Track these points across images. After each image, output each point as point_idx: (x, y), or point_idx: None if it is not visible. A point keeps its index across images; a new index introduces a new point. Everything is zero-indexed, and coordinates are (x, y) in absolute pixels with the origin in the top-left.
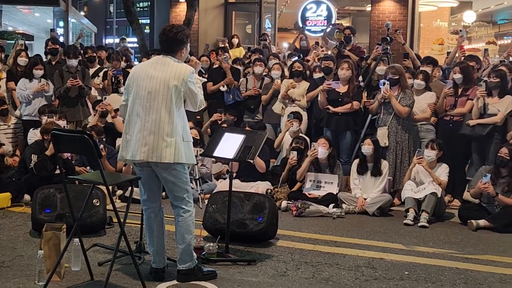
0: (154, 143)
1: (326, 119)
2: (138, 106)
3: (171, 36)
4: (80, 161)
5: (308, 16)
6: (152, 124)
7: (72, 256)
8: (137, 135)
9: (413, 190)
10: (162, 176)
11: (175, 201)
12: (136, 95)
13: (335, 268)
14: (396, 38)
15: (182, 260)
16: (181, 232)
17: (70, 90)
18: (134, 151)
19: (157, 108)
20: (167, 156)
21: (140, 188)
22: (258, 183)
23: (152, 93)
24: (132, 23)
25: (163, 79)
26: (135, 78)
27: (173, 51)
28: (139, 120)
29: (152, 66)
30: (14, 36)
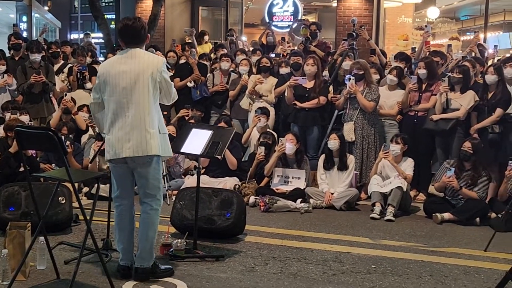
0: (138, 138)
1: (293, 115)
2: (114, 103)
3: (137, 27)
4: (45, 158)
5: (275, 11)
6: (132, 119)
7: (38, 255)
8: (117, 132)
9: (379, 184)
10: (138, 171)
11: (145, 198)
12: (110, 93)
13: (303, 263)
14: (361, 34)
15: (142, 258)
16: (145, 230)
17: (33, 86)
18: (118, 149)
19: (136, 102)
20: (153, 148)
21: (113, 185)
22: (226, 179)
23: (128, 88)
24: (97, 18)
25: (137, 72)
26: (105, 76)
27: (141, 42)
28: (118, 117)
29: (122, 61)
30: None
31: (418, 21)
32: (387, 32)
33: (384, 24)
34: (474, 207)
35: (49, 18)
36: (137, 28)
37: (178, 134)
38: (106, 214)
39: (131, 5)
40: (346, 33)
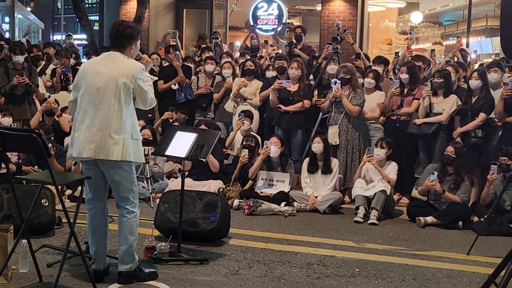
0: (102, 140)
1: (278, 118)
2: (87, 102)
3: (121, 31)
4: (27, 160)
5: (259, 14)
6: (100, 120)
7: (20, 258)
8: (85, 132)
9: (363, 188)
10: (109, 174)
11: (120, 201)
12: (85, 92)
13: (287, 266)
14: (346, 38)
15: (124, 261)
16: (124, 233)
17: (16, 88)
18: (81, 148)
19: (106, 104)
20: (115, 154)
21: (86, 187)
22: (210, 181)
23: (101, 89)
24: (81, 19)
25: (112, 75)
26: (84, 74)
27: (122, 46)
28: (87, 117)
29: (101, 62)
30: None
31: (401, 25)
32: (370, 36)
33: (368, 28)
34: (456, 210)
35: (32, 19)
36: (121, 31)
37: (163, 137)
38: None
39: (115, 7)
40: (331, 37)
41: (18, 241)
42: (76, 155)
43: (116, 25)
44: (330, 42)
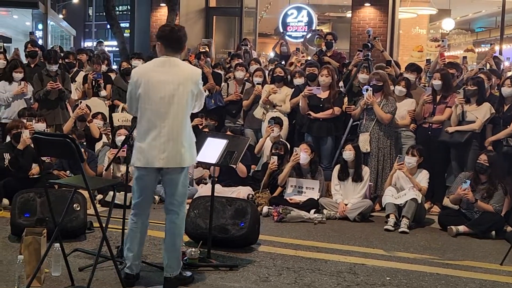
0: (174, 150)
1: (307, 125)
2: (151, 113)
3: (182, 36)
4: (59, 165)
5: (289, 21)
6: (169, 130)
7: (53, 261)
8: (152, 142)
9: (394, 196)
10: (172, 180)
11: (174, 206)
12: (147, 102)
13: (317, 274)
14: (376, 45)
15: (171, 268)
16: (173, 238)
17: (50, 93)
18: (151, 158)
19: (173, 113)
20: (187, 160)
21: (135, 192)
22: (240, 188)
23: (166, 98)
24: (113, 26)
25: (177, 83)
26: (143, 84)
27: (179, 51)
28: (153, 127)
29: (160, 69)
30: None
31: (432, 32)
32: (401, 43)
33: (398, 35)
34: (489, 220)
35: (64, 26)
36: (182, 37)
37: None
38: (120, 221)
39: (146, 14)
40: (361, 44)
41: (51, 245)
42: (143, 164)
43: (177, 29)
44: (360, 49)
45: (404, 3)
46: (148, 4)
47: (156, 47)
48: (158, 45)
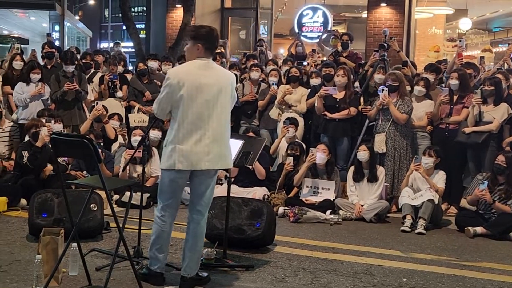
0: (219, 151)
1: (323, 125)
2: (193, 115)
3: (218, 37)
4: (76, 166)
5: (305, 22)
6: (213, 132)
7: (70, 261)
8: (196, 144)
9: (410, 197)
10: (207, 183)
11: (201, 207)
12: (190, 104)
13: (333, 275)
14: (392, 45)
15: (190, 268)
16: (196, 240)
17: (66, 94)
18: (195, 161)
19: (217, 115)
20: (230, 162)
21: (166, 193)
22: (255, 188)
23: (211, 101)
24: (129, 27)
25: (219, 86)
26: (185, 86)
27: (214, 53)
28: (196, 129)
29: (200, 72)
30: (9, 40)
31: (449, 32)
32: (417, 43)
33: (414, 35)
34: (507, 221)
35: (81, 28)
36: (218, 38)
37: None
38: (137, 222)
39: (162, 15)
40: (377, 44)
41: (69, 245)
42: (186, 167)
43: (215, 30)
44: (376, 49)
45: (421, 3)
46: (164, 5)
47: (191, 48)
48: (196, 46)
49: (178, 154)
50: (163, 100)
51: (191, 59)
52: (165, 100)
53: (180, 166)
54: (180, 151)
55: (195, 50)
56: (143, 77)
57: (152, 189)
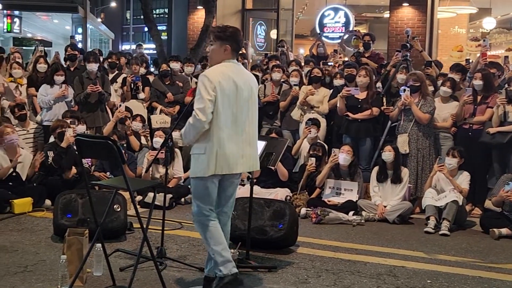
0: (251, 154)
1: (346, 126)
2: (230, 118)
3: (242, 39)
4: (99, 166)
5: (326, 22)
6: (248, 135)
7: (94, 261)
8: (234, 147)
9: (434, 198)
10: (234, 182)
11: (228, 209)
12: (227, 108)
13: (356, 276)
14: (414, 45)
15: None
16: (227, 238)
17: (90, 96)
18: (232, 164)
19: (251, 117)
20: (258, 164)
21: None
22: (277, 189)
23: (245, 104)
24: (151, 29)
25: (250, 88)
26: (223, 88)
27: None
28: (233, 132)
29: (233, 75)
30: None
31: (472, 31)
32: (440, 43)
33: (437, 34)
34: None
35: (103, 30)
36: (242, 40)
37: None
38: (160, 222)
39: (183, 17)
40: (399, 44)
41: (93, 245)
42: (226, 172)
43: (239, 30)
44: (399, 49)
45: (443, 3)
46: (185, 7)
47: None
48: (224, 47)
49: (220, 159)
50: (206, 103)
51: (217, 60)
52: (208, 103)
53: (220, 171)
54: (221, 156)
55: (222, 51)
56: (165, 78)
57: (175, 190)
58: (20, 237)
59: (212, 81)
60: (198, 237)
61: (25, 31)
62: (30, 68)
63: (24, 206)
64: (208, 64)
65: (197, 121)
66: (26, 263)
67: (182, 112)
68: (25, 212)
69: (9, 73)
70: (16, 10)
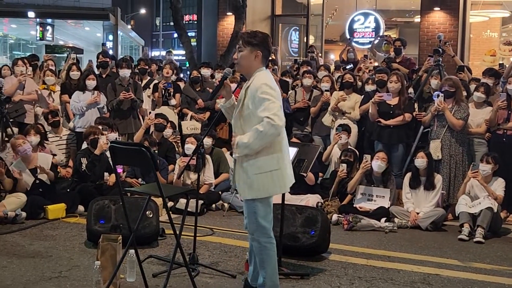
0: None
1: (378, 132)
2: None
3: (271, 45)
4: (131, 173)
5: (356, 28)
6: (287, 146)
7: (128, 267)
8: (286, 164)
9: (468, 205)
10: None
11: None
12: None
13: (389, 284)
14: (447, 50)
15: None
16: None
17: (122, 103)
18: (288, 182)
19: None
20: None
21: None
22: (308, 196)
23: None
24: (181, 36)
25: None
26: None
27: None
28: (284, 147)
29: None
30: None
31: (504, 35)
32: (471, 48)
33: (469, 39)
34: None
35: (133, 36)
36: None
37: None
38: (192, 228)
39: (213, 23)
40: (430, 49)
41: (127, 251)
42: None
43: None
44: (431, 54)
45: (475, 6)
46: (215, 13)
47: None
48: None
49: (279, 178)
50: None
51: (247, 66)
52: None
53: (278, 190)
54: (281, 175)
55: (252, 58)
56: (196, 84)
57: (206, 196)
58: (54, 242)
59: (276, 90)
60: (229, 243)
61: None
62: (62, 75)
63: (58, 212)
64: (236, 70)
65: (272, 127)
66: (60, 269)
67: (214, 118)
68: (59, 218)
69: (42, 80)
70: (48, 18)
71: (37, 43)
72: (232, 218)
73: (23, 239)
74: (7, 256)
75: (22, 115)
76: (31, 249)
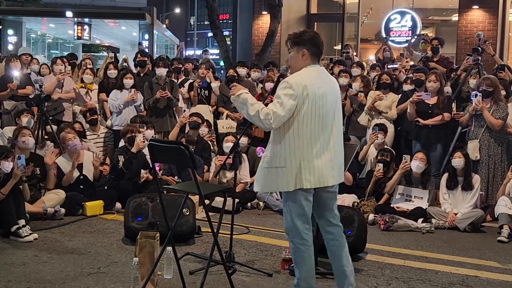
0: (339, 165)
1: (416, 132)
2: (317, 127)
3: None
4: (168, 170)
5: (392, 26)
6: (334, 144)
7: (165, 264)
8: (322, 159)
9: (508, 206)
10: (333, 194)
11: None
12: (314, 115)
13: (427, 285)
14: (486, 49)
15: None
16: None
17: (159, 101)
18: (323, 177)
19: (336, 126)
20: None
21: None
22: (344, 195)
23: (331, 111)
24: (217, 35)
25: (335, 94)
26: (308, 95)
27: None
28: (319, 142)
29: (318, 80)
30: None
31: None
32: (511, 46)
33: (508, 38)
34: None
35: (168, 36)
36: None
37: None
38: (228, 227)
39: (248, 22)
40: (469, 48)
41: (165, 248)
42: (314, 185)
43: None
44: (470, 53)
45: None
46: (250, 12)
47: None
48: (301, 52)
49: (304, 171)
50: (286, 110)
51: (296, 67)
52: (288, 112)
53: (308, 184)
54: (306, 168)
55: (299, 57)
56: (232, 83)
57: (242, 195)
58: (93, 239)
59: (295, 89)
60: (265, 242)
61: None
62: (100, 74)
63: (96, 209)
64: (289, 72)
65: (266, 120)
66: (99, 265)
67: None
68: (97, 214)
69: (81, 78)
70: (86, 18)
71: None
72: (267, 217)
73: (62, 235)
74: (47, 252)
75: (61, 113)
76: (70, 245)
